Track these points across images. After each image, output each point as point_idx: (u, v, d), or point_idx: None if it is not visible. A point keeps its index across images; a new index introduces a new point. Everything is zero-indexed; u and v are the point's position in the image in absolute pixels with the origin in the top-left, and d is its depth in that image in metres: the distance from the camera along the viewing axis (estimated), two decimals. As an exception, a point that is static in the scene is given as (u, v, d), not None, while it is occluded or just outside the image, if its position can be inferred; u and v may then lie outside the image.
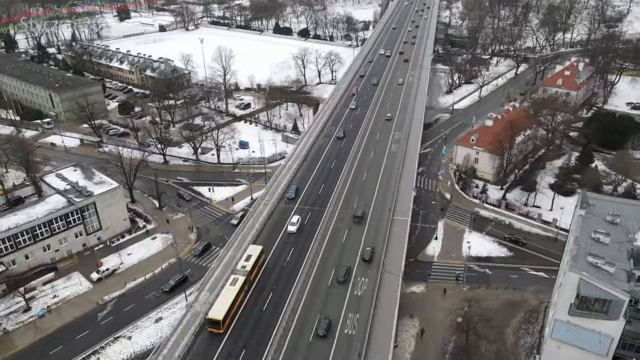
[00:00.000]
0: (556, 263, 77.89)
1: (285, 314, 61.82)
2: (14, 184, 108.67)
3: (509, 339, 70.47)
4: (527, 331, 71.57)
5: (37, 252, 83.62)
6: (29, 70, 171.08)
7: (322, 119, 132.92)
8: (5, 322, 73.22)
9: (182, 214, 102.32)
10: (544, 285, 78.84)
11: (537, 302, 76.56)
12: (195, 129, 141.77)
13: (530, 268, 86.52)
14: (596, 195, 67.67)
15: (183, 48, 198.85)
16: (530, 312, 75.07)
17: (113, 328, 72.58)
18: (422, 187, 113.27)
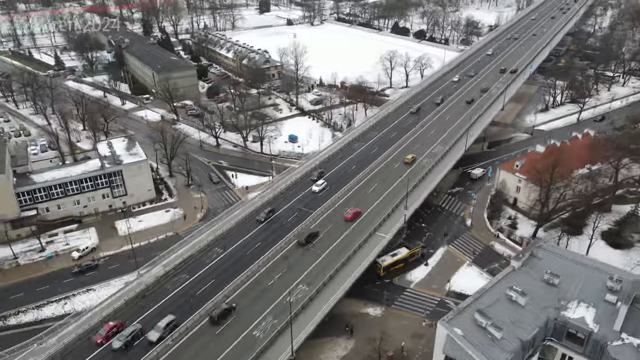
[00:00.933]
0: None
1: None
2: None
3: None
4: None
5: (68, 205, 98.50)
6: (148, 51, 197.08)
7: (371, 122, 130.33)
8: (21, 257, 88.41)
9: (203, 194, 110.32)
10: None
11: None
12: (260, 118, 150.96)
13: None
14: (552, 247, 56.22)
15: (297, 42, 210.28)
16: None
17: (91, 281, 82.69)
18: (448, 209, 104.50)
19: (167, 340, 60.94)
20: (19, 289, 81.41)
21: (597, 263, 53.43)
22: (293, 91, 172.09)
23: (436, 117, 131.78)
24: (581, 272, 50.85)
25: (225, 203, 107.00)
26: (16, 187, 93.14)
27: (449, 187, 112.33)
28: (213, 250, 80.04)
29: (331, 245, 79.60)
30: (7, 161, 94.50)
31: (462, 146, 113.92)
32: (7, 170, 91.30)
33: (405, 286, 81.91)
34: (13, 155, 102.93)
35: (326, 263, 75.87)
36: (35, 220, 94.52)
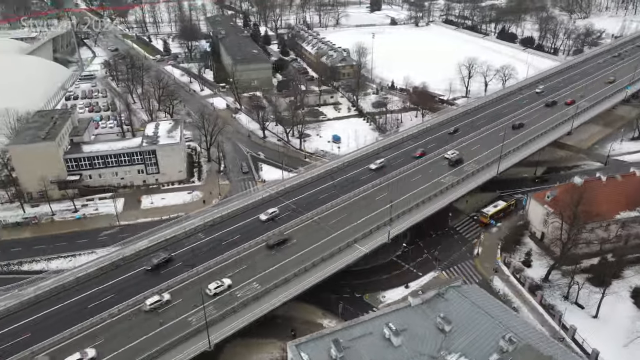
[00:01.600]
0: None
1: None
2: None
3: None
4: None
5: (107, 175, 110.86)
6: (238, 43, 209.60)
7: (410, 132, 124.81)
8: (58, 214, 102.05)
9: (228, 182, 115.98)
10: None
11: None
12: (315, 115, 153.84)
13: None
14: (467, 289, 49.59)
15: (389, 42, 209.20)
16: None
17: (95, 246, 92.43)
18: (462, 232, 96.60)
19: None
20: (44, 241, 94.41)
21: (508, 316, 46.06)
22: (361, 91, 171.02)
23: (486, 133, 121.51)
24: (482, 323, 44.35)
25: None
26: (66, 154, 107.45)
27: (474, 209, 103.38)
28: (197, 235, 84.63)
29: (302, 251, 79.17)
30: (62, 132, 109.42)
31: (499, 168, 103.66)
32: (58, 139, 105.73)
33: (373, 305, 78.06)
34: (75, 126, 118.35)
35: (290, 266, 75.85)
36: (78, 184, 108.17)
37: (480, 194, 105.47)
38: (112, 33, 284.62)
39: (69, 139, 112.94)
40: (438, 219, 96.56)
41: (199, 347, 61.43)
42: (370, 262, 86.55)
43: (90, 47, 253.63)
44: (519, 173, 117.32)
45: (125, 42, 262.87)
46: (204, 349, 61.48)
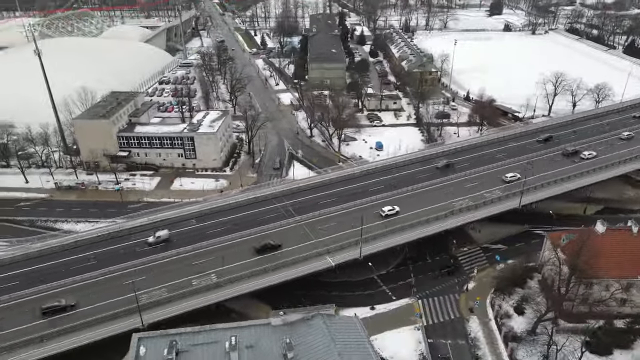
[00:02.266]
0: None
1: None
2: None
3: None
4: None
5: (151, 155, 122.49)
6: (324, 42, 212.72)
7: (456, 145, 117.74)
8: (103, 184, 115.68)
9: (256, 175, 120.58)
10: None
11: None
12: (373, 119, 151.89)
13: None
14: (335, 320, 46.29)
15: (489, 49, 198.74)
16: None
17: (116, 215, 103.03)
18: (463, 263, 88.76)
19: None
20: (82, 205, 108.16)
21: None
22: (430, 99, 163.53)
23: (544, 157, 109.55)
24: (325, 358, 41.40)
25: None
26: (120, 132, 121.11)
27: (489, 240, 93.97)
28: (190, 221, 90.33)
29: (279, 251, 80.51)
30: (121, 112, 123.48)
31: (521, 200, 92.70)
32: (114, 118, 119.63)
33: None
34: (137, 108, 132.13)
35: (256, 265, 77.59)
36: (127, 160, 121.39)
37: (501, 226, 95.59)
38: (229, 26, 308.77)
39: (128, 119, 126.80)
40: (439, 244, 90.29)
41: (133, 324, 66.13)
42: (353, 276, 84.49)
43: (201, 37, 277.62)
44: (564, 208, 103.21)
45: (235, 34, 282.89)
46: (137, 326, 65.95)
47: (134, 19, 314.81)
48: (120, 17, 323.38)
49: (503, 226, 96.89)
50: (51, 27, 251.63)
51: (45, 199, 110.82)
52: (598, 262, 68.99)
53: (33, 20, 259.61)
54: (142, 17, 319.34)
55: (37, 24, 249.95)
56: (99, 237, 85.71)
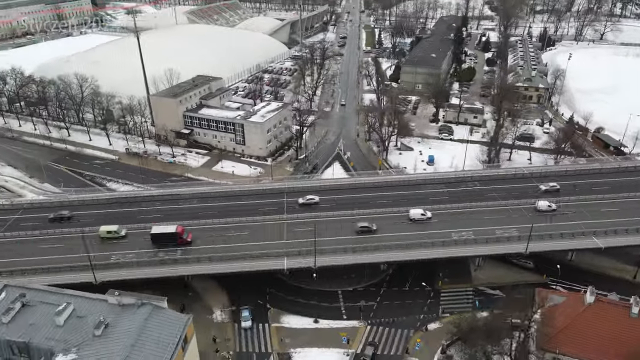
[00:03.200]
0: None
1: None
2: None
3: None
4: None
5: (209, 135, 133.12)
6: (434, 45, 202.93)
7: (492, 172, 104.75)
8: (162, 156, 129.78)
9: (291, 170, 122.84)
10: None
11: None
12: (444, 131, 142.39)
13: None
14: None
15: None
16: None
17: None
18: (444, 302, 79.63)
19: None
20: (136, 170, 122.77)
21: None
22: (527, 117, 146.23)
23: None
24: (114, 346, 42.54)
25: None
26: (186, 112, 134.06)
27: (489, 283, 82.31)
28: (192, 200, 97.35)
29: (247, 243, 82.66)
30: (190, 93, 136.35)
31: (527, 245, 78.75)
32: (181, 98, 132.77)
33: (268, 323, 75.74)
34: (210, 92, 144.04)
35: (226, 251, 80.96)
36: (189, 137, 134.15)
37: (514, 270, 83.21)
38: (362, 23, 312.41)
39: (199, 101, 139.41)
40: (428, 274, 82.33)
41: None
42: (324, 286, 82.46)
43: (326, 32, 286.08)
44: (610, 268, 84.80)
45: (361, 32, 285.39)
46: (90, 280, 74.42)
47: (276, 11, 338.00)
48: (266, 9, 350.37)
49: (516, 271, 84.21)
50: (199, 15, 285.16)
51: (114, 161, 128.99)
52: (572, 337, 56.42)
53: (188, 8, 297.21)
54: (283, 10, 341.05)
55: (189, 12, 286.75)
56: (109, 200, 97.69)
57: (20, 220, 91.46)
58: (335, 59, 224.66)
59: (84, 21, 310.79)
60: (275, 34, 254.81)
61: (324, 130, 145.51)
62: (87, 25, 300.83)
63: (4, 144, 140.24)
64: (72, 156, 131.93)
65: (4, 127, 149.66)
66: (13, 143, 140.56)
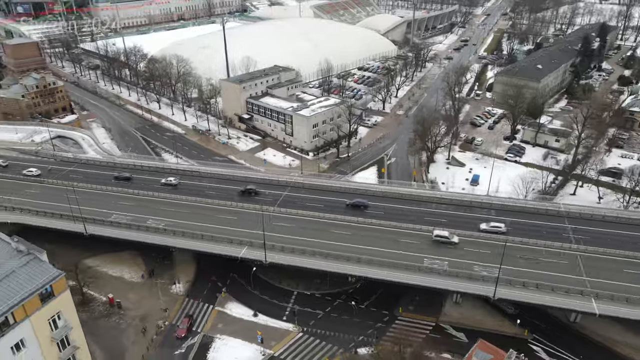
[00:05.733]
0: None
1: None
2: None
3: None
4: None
5: (265, 123, 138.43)
6: (546, 55, 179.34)
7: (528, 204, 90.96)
8: (221, 136, 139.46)
9: (326, 167, 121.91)
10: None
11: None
12: (512, 151, 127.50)
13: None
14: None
15: None
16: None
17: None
18: (397, 323, 73.16)
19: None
20: (190, 145, 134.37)
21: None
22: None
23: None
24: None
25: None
26: (249, 98, 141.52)
27: (460, 322, 72.81)
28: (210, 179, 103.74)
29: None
30: (256, 81, 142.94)
31: (495, 291, 67.08)
32: (246, 84, 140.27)
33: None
34: (278, 82, 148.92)
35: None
36: (248, 122, 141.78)
37: (496, 316, 72.56)
38: (494, 27, 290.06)
39: (266, 89, 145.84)
40: (389, 294, 76.51)
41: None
42: (284, 284, 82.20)
43: (449, 34, 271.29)
44: (618, 342, 68.36)
45: (489, 35, 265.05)
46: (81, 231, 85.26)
47: (405, 9, 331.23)
48: (396, 7, 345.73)
49: (497, 317, 73.01)
50: (325, 9, 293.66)
51: (181, 135, 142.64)
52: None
53: (313, 3, 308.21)
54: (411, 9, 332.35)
55: (316, 6, 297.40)
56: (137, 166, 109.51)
57: (72, 172, 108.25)
58: (440, 62, 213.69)
59: (230, 10, 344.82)
60: (389, 33, 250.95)
61: (382, 133, 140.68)
62: (233, 15, 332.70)
63: (111, 109, 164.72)
64: (153, 126, 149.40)
65: (115, 95, 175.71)
66: (117, 109, 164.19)
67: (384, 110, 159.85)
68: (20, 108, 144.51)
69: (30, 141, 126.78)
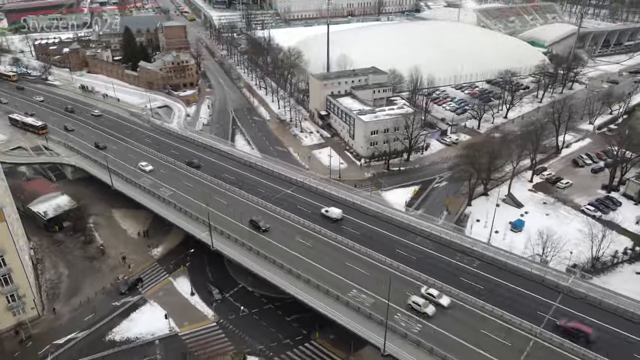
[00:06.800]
0: None
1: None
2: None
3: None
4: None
5: (336, 122, 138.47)
6: None
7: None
8: (293, 129, 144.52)
9: (369, 174, 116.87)
10: None
11: None
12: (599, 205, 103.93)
13: None
14: None
15: None
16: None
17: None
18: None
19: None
20: (268, 134, 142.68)
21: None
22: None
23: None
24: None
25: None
26: (329, 96, 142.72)
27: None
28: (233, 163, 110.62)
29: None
30: (339, 80, 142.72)
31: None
32: (327, 82, 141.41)
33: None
34: (364, 84, 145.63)
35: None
36: (325, 119, 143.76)
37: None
38: None
39: (350, 89, 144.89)
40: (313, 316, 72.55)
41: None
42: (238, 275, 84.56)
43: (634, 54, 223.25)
44: None
45: None
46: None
47: (598, 19, 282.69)
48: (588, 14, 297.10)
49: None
50: (492, 14, 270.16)
51: (264, 122, 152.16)
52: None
53: (485, 6, 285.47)
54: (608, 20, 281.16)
55: (481, 10, 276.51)
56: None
57: (148, 136, 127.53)
58: (592, 85, 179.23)
59: (402, 9, 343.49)
60: (554, 45, 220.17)
61: (455, 153, 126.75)
62: (403, 14, 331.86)
63: (231, 89, 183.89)
64: (248, 110, 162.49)
65: (239, 77, 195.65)
66: (235, 90, 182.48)
67: (477, 129, 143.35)
68: (157, 79, 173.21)
69: (144, 107, 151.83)
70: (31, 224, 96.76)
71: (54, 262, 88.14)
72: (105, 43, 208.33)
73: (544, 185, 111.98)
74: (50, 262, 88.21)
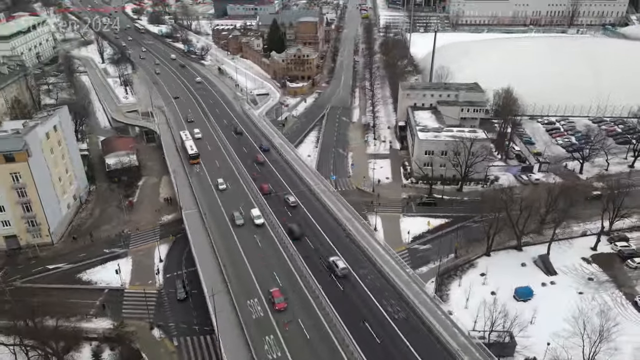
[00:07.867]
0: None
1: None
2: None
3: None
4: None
5: (409, 135, 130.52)
6: None
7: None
8: (369, 135, 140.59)
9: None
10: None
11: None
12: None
13: None
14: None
15: None
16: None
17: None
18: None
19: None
20: (339, 136, 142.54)
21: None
22: None
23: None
24: None
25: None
26: (410, 106, 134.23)
27: None
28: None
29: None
30: (423, 91, 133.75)
31: None
32: (409, 91, 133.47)
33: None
34: (454, 100, 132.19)
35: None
36: (400, 129, 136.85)
37: None
38: None
39: (436, 102, 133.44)
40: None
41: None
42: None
43: None
44: None
45: None
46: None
47: None
48: None
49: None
50: None
51: (349, 122, 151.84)
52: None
53: None
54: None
55: None
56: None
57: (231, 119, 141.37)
58: None
59: (603, 22, 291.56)
60: None
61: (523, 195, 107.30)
62: (604, 27, 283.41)
63: (344, 89, 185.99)
64: (343, 110, 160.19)
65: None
66: (345, 91, 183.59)
67: (579, 173, 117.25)
68: (280, 69, 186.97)
69: (250, 92, 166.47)
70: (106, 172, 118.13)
71: (95, 204, 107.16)
72: (261, 32, 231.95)
73: (609, 259, 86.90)
74: (94, 204, 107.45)
